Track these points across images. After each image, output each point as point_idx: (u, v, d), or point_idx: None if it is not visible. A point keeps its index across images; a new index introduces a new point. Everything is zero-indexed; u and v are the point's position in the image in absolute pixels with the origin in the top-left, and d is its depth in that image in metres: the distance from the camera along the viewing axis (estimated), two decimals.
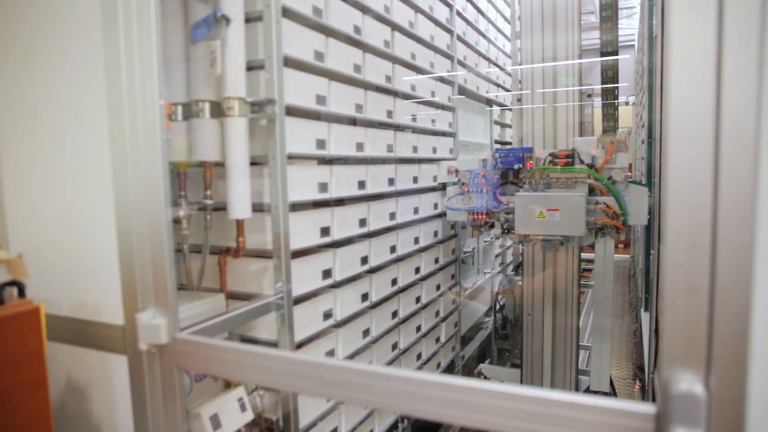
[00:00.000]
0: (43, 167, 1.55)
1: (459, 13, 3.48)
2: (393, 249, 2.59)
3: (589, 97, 3.13)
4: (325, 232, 2.00)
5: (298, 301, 1.83)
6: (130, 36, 1.22)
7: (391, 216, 2.57)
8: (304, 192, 1.87)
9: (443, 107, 3.25)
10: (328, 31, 2.00)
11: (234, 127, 1.61)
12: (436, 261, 3.16)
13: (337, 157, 2.12)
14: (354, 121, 2.28)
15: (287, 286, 1.74)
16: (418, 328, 2.90)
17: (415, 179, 2.85)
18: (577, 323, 3.04)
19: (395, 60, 2.58)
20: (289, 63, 1.75)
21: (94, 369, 1.52)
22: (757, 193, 0.71)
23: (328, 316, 2.04)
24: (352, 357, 2.22)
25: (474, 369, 3.79)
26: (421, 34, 2.87)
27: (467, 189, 2.88)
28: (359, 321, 2.28)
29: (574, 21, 2.87)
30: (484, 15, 4.12)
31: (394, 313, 2.61)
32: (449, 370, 3.45)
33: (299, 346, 1.86)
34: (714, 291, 0.74)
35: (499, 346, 3.83)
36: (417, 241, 2.88)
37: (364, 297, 2.32)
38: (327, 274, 2.02)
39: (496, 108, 4.49)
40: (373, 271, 2.40)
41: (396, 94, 2.61)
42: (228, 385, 1.71)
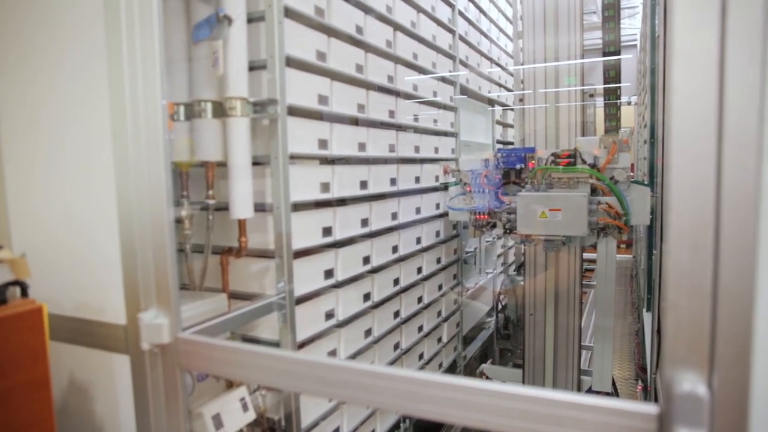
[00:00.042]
0: (45, 167, 1.55)
1: (461, 13, 3.48)
2: (395, 249, 2.59)
3: (591, 96, 3.12)
4: (327, 232, 2.00)
5: (300, 301, 1.84)
6: (133, 36, 1.23)
7: (393, 216, 2.57)
8: (306, 192, 1.87)
9: (445, 107, 3.25)
10: (330, 31, 2.00)
11: (236, 127, 1.62)
12: (438, 261, 3.16)
13: (339, 157, 2.12)
14: (356, 121, 2.28)
15: (289, 286, 1.74)
16: (420, 328, 2.90)
17: (417, 179, 2.85)
18: (579, 323, 3.03)
19: (397, 60, 2.58)
20: (291, 63, 1.75)
21: (97, 368, 1.52)
22: (760, 193, 0.71)
23: (330, 316, 2.04)
24: (354, 357, 2.22)
25: (476, 369, 3.79)
26: (423, 34, 2.87)
27: (469, 189, 2.88)
28: (361, 321, 2.28)
29: (576, 21, 2.87)
30: (486, 15, 4.12)
31: (396, 313, 2.61)
32: (451, 370, 3.45)
33: (301, 346, 1.87)
34: (717, 291, 0.74)
35: (501, 346, 3.83)
36: (419, 241, 2.88)
37: (366, 297, 2.32)
38: (329, 274, 2.03)
39: (498, 108, 4.48)
40: (375, 271, 2.40)
41: (398, 94, 2.61)
42: (230, 385, 1.71)
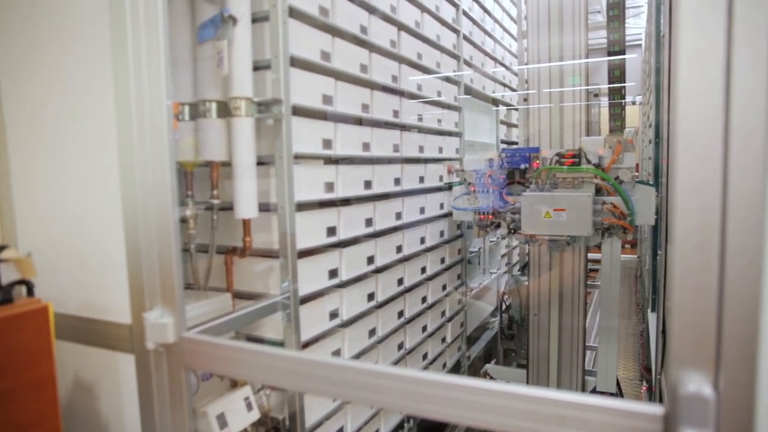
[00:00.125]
0: (51, 167, 1.56)
1: (465, 13, 3.48)
2: (399, 249, 2.59)
3: (595, 96, 3.11)
4: (331, 231, 2.00)
5: (305, 300, 1.84)
6: (138, 36, 1.23)
7: (397, 216, 2.57)
8: (310, 192, 1.87)
9: (449, 107, 3.25)
10: (334, 31, 2.00)
11: (241, 127, 1.62)
12: (442, 261, 3.16)
13: (344, 156, 2.12)
14: (360, 121, 2.28)
15: (293, 286, 1.75)
16: (424, 328, 2.90)
17: (421, 179, 2.85)
18: (584, 324, 3.03)
19: (401, 60, 2.58)
20: (295, 63, 1.76)
21: (102, 367, 1.53)
22: (766, 192, 0.71)
23: (334, 315, 2.04)
24: (358, 357, 2.22)
25: (480, 369, 3.79)
26: (427, 33, 2.86)
27: (473, 189, 2.88)
28: (365, 321, 2.28)
29: (580, 20, 2.86)
30: (490, 14, 4.11)
31: (400, 313, 2.61)
32: (455, 370, 3.44)
33: (305, 345, 1.87)
34: (723, 291, 0.73)
35: (505, 346, 3.83)
36: (423, 241, 2.87)
37: (370, 297, 2.32)
38: (333, 273, 2.03)
39: (502, 108, 4.48)
40: (379, 270, 2.40)
41: (402, 94, 2.61)
42: (234, 385, 1.72)
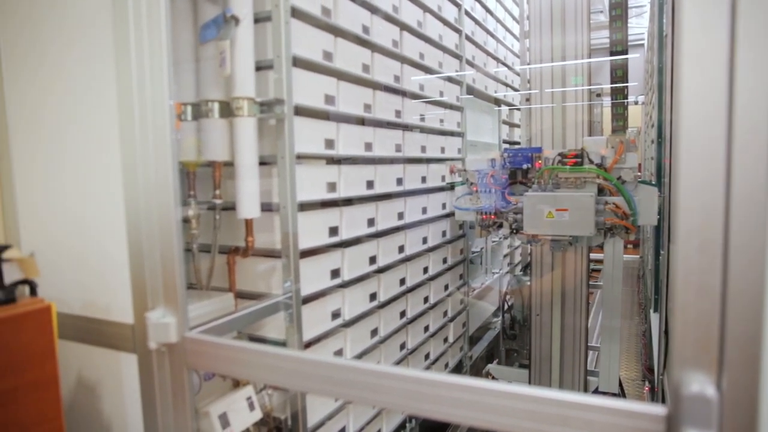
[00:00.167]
0: (54, 167, 1.56)
1: (467, 13, 3.47)
2: (401, 249, 2.59)
3: (598, 96, 3.11)
4: (333, 231, 2.00)
5: (307, 300, 1.84)
6: (141, 37, 1.23)
7: (400, 216, 2.57)
8: (312, 192, 1.87)
9: (452, 107, 3.25)
10: (336, 31, 2.00)
11: (243, 127, 1.62)
12: (445, 261, 3.16)
13: (346, 156, 2.12)
14: (362, 121, 2.28)
15: (296, 286, 1.75)
16: (426, 328, 2.90)
17: (423, 179, 2.85)
18: (586, 324, 3.02)
19: (404, 60, 2.58)
20: (297, 63, 1.76)
21: (105, 367, 1.53)
22: None
23: (336, 315, 2.04)
24: (360, 357, 2.22)
25: (482, 369, 3.79)
26: (429, 33, 2.86)
27: (476, 189, 2.88)
28: (367, 321, 2.28)
29: (583, 20, 2.85)
30: (492, 14, 4.11)
31: (402, 313, 2.61)
32: (457, 370, 3.44)
33: (307, 345, 1.87)
34: (726, 291, 0.73)
35: (507, 346, 3.82)
36: (425, 240, 2.87)
37: (372, 297, 2.32)
38: (335, 273, 2.03)
39: (504, 108, 4.47)
40: (381, 270, 2.40)
41: (404, 94, 2.61)
42: (237, 384, 1.72)
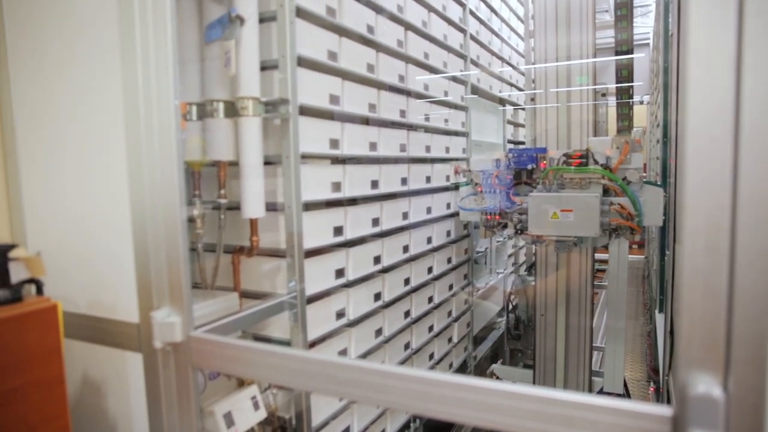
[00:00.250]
0: (59, 167, 1.57)
1: (472, 13, 3.47)
2: (406, 249, 2.59)
3: (603, 96, 3.09)
4: (338, 231, 2.00)
5: (311, 300, 1.84)
6: (146, 37, 1.24)
7: (404, 216, 2.57)
8: (317, 191, 1.87)
9: (456, 107, 3.25)
10: (341, 31, 2.00)
11: (248, 127, 1.62)
12: (449, 261, 3.16)
13: (351, 156, 2.12)
14: (367, 121, 2.28)
15: (300, 286, 1.75)
16: (431, 328, 2.90)
17: (428, 179, 2.85)
18: (591, 324, 3.01)
19: (408, 59, 2.58)
20: (302, 63, 1.76)
21: (110, 366, 1.54)
22: None
23: (340, 315, 2.04)
24: (364, 356, 2.23)
25: (486, 369, 3.78)
26: (434, 33, 2.86)
27: (480, 189, 2.87)
28: (372, 320, 2.28)
29: (588, 19, 2.84)
30: (497, 14, 4.10)
31: (407, 313, 2.61)
32: (461, 370, 3.44)
33: (312, 345, 1.87)
34: (732, 291, 0.73)
35: (511, 346, 3.81)
36: (430, 240, 2.87)
37: (377, 296, 2.32)
38: (340, 273, 2.03)
39: (509, 107, 4.46)
40: (385, 270, 2.40)
41: (409, 94, 2.61)
42: (241, 384, 1.72)
